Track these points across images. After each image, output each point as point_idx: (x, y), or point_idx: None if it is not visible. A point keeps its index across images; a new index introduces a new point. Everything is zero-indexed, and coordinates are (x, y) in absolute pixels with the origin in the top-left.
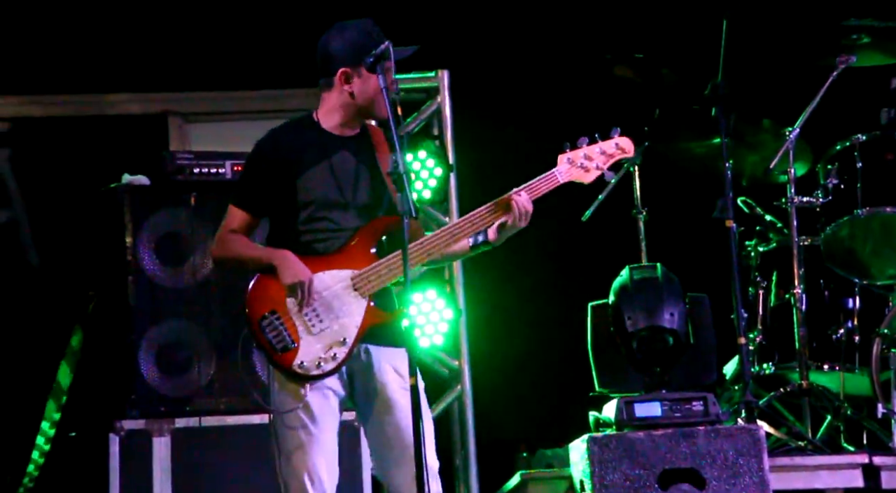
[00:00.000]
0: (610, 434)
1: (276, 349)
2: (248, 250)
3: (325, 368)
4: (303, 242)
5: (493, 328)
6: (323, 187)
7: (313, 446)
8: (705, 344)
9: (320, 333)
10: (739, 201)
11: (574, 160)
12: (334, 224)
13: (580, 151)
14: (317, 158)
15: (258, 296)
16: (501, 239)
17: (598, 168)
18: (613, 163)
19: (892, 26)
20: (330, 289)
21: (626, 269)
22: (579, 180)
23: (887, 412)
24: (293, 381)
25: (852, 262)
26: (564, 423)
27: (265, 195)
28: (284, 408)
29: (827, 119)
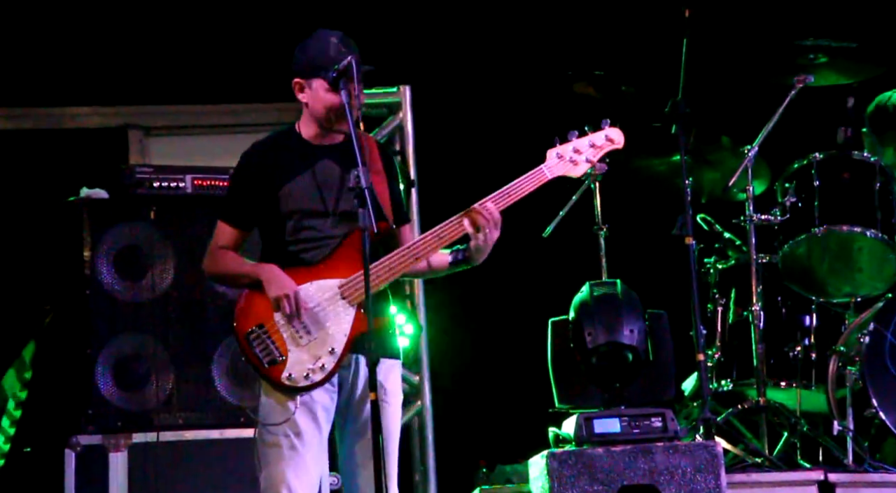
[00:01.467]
0: (569, 450)
1: (265, 363)
2: (236, 266)
3: (314, 378)
4: (290, 252)
5: (454, 344)
6: (306, 197)
7: (294, 461)
8: (664, 360)
9: (308, 344)
10: (699, 219)
11: (563, 155)
12: (319, 233)
13: (569, 144)
14: (299, 168)
15: (245, 311)
16: (479, 257)
17: (588, 161)
18: (603, 155)
19: (848, 46)
20: (317, 300)
21: (586, 285)
22: (569, 175)
23: (843, 429)
24: (283, 394)
25: (809, 279)
26: (524, 439)
27: (250, 208)
28: (271, 421)
29: (785, 138)
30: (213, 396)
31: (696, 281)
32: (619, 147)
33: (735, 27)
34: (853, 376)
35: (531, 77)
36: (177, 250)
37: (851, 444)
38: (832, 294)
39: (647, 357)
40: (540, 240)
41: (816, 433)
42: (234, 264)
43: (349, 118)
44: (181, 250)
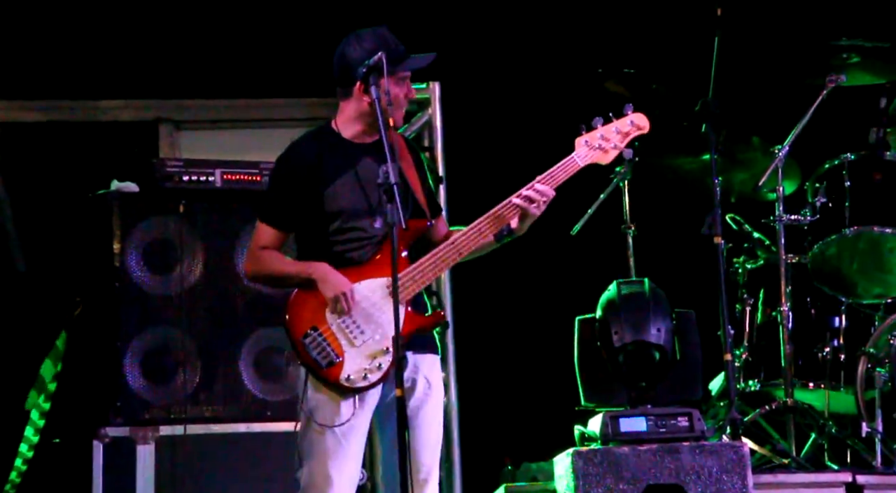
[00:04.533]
0: (595, 449)
1: (322, 365)
2: (284, 266)
3: (372, 379)
4: (335, 252)
5: (481, 341)
6: (350, 196)
7: (339, 456)
8: (691, 360)
9: (363, 344)
10: (728, 218)
11: (591, 142)
12: (365, 232)
13: (596, 132)
14: (341, 168)
15: (298, 313)
16: (524, 228)
17: (616, 147)
18: (630, 140)
19: (881, 46)
20: (368, 299)
21: (613, 283)
22: (599, 161)
23: (871, 431)
24: (341, 394)
25: (839, 280)
26: (550, 437)
27: (293, 209)
28: (323, 419)
29: (816, 138)
30: (241, 389)
31: (724, 281)
32: (646, 132)
33: (767, 26)
34: (882, 377)
35: (561, 74)
36: (206, 243)
37: (880, 446)
38: (862, 295)
39: (675, 357)
40: (568, 238)
41: (845, 435)
42: (281, 263)
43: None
44: (210, 243)
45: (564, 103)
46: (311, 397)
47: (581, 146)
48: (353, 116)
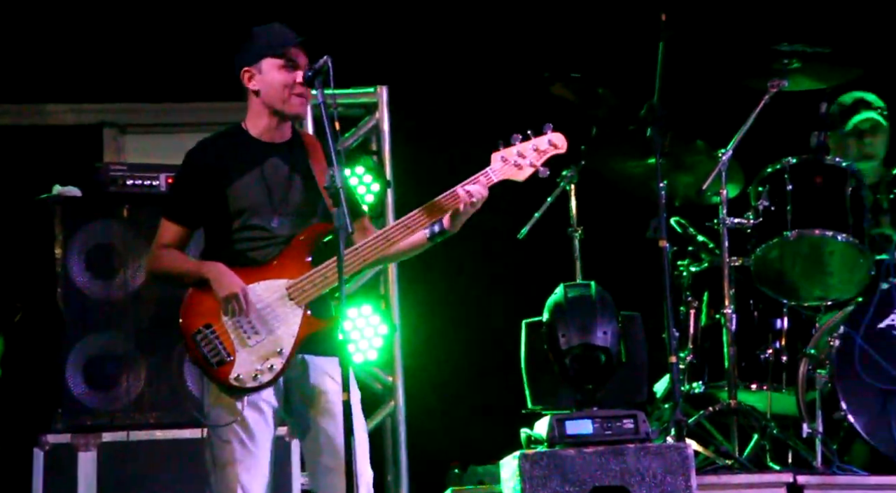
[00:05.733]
0: (541, 451)
1: (212, 363)
2: (181, 264)
3: (262, 380)
4: (237, 251)
5: (428, 345)
6: (254, 195)
7: (247, 461)
8: (637, 362)
9: (256, 345)
10: (673, 221)
11: (507, 158)
12: (268, 232)
13: (513, 148)
14: (247, 166)
15: (192, 310)
16: (457, 226)
17: (532, 165)
18: (547, 159)
19: (822, 51)
20: (264, 300)
21: (560, 286)
22: (513, 178)
23: (812, 432)
24: (230, 394)
25: (781, 283)
26: (496, 440)
27: (196, 206)
28: (220, 422)
29: (759, 142)
30: (185, 395)
31: (669, 284)
32: (562, 152)
33: (711, 31)
34: (823, 379)
35: (508, 78)
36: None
37: (820, 446)
38: (803, 298)
39: (620, 359)
40: (515, 241)
41: (786, 436)
42: (179, 262)
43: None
44: None
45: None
46: (209, 400)
47: (497, 161)
48: (253, 112)
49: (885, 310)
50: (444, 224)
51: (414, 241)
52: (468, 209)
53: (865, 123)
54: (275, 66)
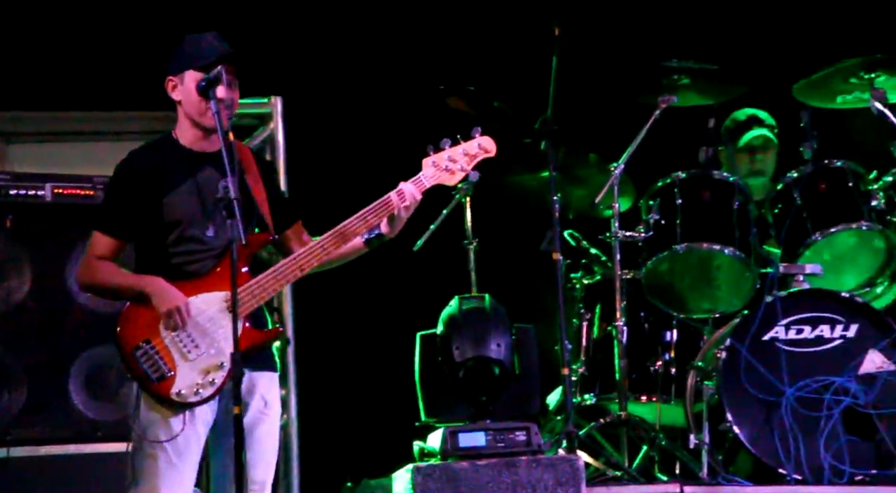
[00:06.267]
0: (433, 464)
1: (153, 379)
2: (119, 278)
3: (204, 394)
4: (173, 264)
5: (322, 358)
6: (189, 206)
7: (171, 478)
8: (530, 374)
9: (197, 359)
10: (566, 234)
11: (438, 163)
12: (203, 244)
13: (444, 153)
14: (181, 177)
15: (130, 326)
16: (394, 231)
17: (463, 169)
18: (477, 163)
19: (709, 68)
20: (204, 313)
21: (455, 299)
22: (445, 183)
23: (699, 443)
24: (167, 408)
25: (671, 296)
26: (390, 453)
27: (130, 218)
28: (153, 436)
29: (650, 156)
30: (70, 410)
31: (562, 296)
32: (492, 155)
33: (603, 46)
34: (710, 390)
35: (405, 90)
36: (34, 260)
37: (706, 457)
38: (692, 310)
39: (514, 371)
40: (410, 254)
41: (674, 447)
42: (116, 276)
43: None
44: (38, 260)
45: (409, 118)
46: (143, 415)
47: (428, 167)
48: (181, 122)
49: (769, 322)
50: (382, 229)
51: (352, 246)
52: (402, 214)
53: (757, 139)
54: (195, 79)
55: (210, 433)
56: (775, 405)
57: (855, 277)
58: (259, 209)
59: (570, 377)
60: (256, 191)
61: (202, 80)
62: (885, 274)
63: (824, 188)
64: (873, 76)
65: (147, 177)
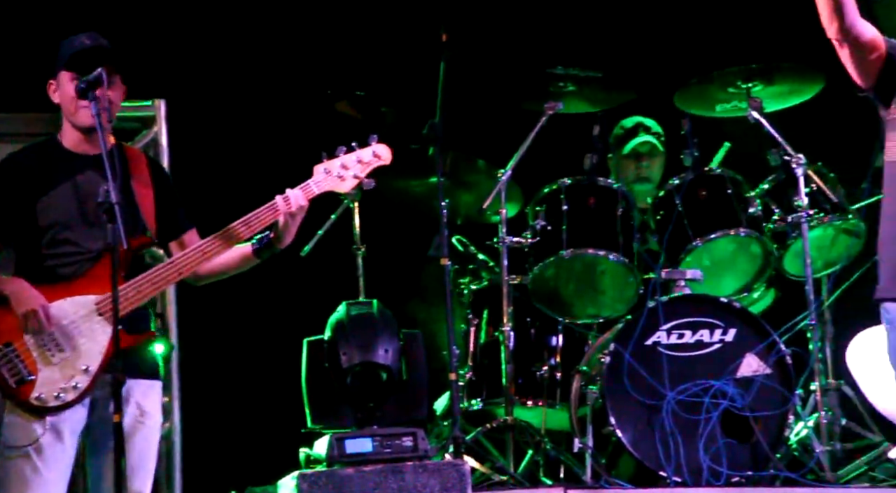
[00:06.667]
0: (319, 471)
1: (11, 383)
2: None
3: (66, 398)
4: (46, 267)
5: (207, 364)
6: (65, 209)
7: (36, 484)
8: (418, 380)
9: (61, 362)
10: (454, 240)
11: (330, 170)
12: (79, 247)
13: (337, 160)
14: (59, 179)
15: None
16: (284, 239)
17: (356, 177)
18: (371, 171)
19: (594, 76)
20: (70, 316)
21: (342, 304)
22: (336, 190)
23: (583, 447)
24: (30, 414)
25: (557, 301)
26: (276, 460)
27: (4, 221)
28: (14, 442)
29: (537, 162)
30: None
31: (450, 301)
32: (386, 163)
33: (490, 53)
34: (594, 394)
35: (293, 94)
36: None
37: (590, 461)
38: (577, 315)
39: (401, 377)
40: (297, 259)
41: (558, 451)
42: None
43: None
44: None
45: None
46: (5, 420)
47: (319, 173)
48: (64, 124)
49: (651, 327)
50: (272, 237)
51: (241, 256)
52: (289, 221)
53: (643, 146)
54: (67, 78)
55: (86, 440)
56: (657, 409)
57: (733, 282)
58: (143, 216)
59: (457, 383)
60: (143, 196)
61: (80, 81)
62: (761, 279)
63: (704, 195)
64: (750, 86)
65: (21, 179)
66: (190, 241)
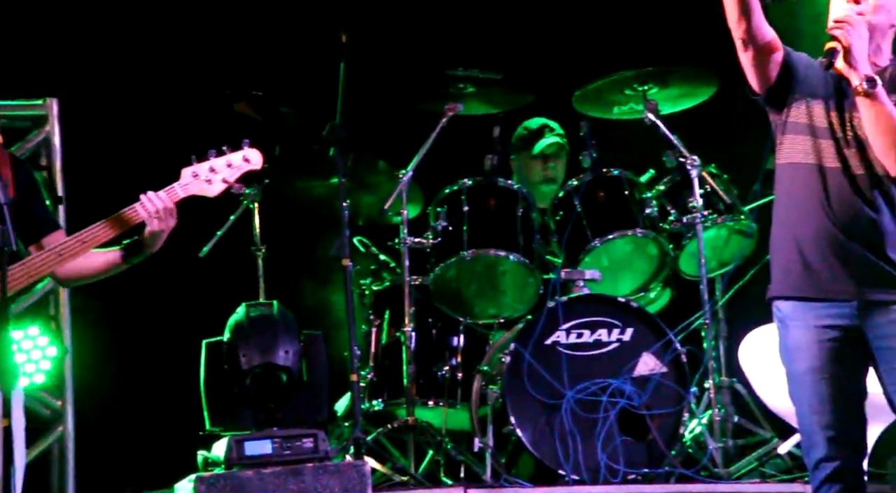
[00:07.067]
0: (218, 473)
1: None
2: None
3: None
4: None
5: (102, 367)
6: None
7: None
8: (318, 381)
9: None
10: (355, 241)
11: (198, 173)
12: None
13: (206, 163)
14: None
15: None
16: (151, 244)
17: (225, 181)
18: (241, 176)
19: (493, 77)
20: None
21: (242, 306)
22: (204, 194)
23: (483, 446)
24: None
25: (458, 301)
26: (173, 464)
27: None
28: None
29: (438, 163)
30: None
31: (351, 302)
32: (257, 168)
33: (391, 54)
34: (494, 394)
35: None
36: None
37: (490, 460)
38: (478, 315)
39: (302, 378)
40: (196, 260)
41: (459, 451)
42: None
43: None
44: None
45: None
46: None
47: (187, 176)
48: None
49: (551, 327)
50: (140, 242)
51: (109, 259)
52: (154, 225)
53: (551, 147)
54: None
55: None
56: (556, 408)
57: (631, 282)
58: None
59: (358, 383)
60: None
61: None
62: (658, 279)
63: (602, 196)
64: (646, 89)
65: None
66: (51, 243)
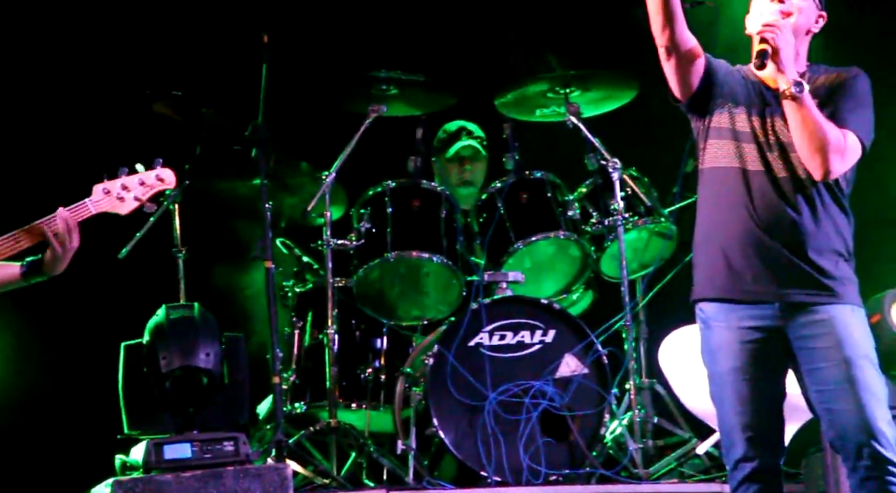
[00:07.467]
0: (136, 477)
1: None
2: None
3: None
4: None
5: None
6: None
7: None
8: (240, 384)
9: None
10: (278, 242)
11: (110, 191)
12: None
13: (117, 181)
14: None
15: None
16: (54, 265)
17: (137, 199)
18: (153, 194)
19: (416, 79)
20: None
21: (162, 308)
22: (115, 211)
23: (405, 448)
24: None
25: (381, 303)
26: (90, 468)
27: None
28: None
29: (362, 165)
30: None
31: (273, 304)
32: (170, 187)
33: (313, 55)
34: (418, 396)
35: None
36: None
37: (413, 462)
38: (402, 317)
39: (223, 381)
40: (115, 261)
41: (381, 453)
42: None
43: None
44: None
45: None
46: None
47: (98, 193)
48: None
49: (474, 329)
50: (42, 261)
51: (6, 274)
52: (56, 244)
53: (466, 150)
54: None
55: None
56: (479, 410)
57: (553, 284)
58: None
59: (280, 386)
60: None
61: None
62: (580, 281)
63: (525, 198)
64: (568, 91)
65: None
66: None
